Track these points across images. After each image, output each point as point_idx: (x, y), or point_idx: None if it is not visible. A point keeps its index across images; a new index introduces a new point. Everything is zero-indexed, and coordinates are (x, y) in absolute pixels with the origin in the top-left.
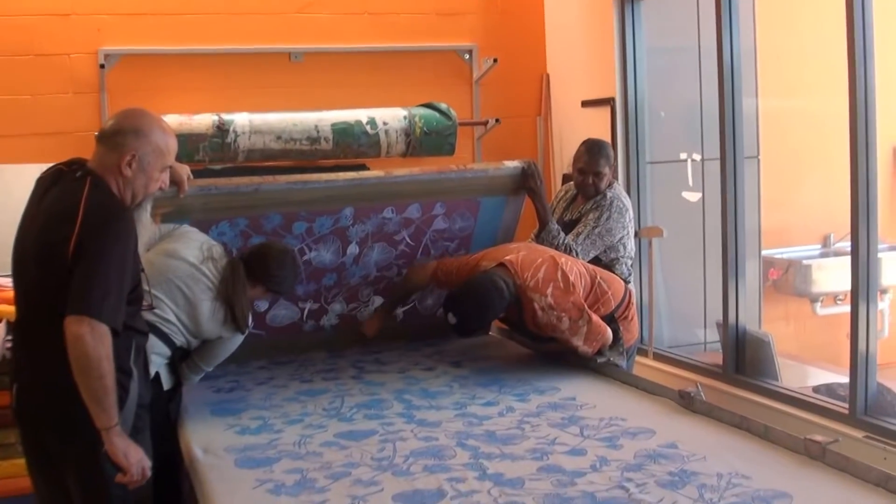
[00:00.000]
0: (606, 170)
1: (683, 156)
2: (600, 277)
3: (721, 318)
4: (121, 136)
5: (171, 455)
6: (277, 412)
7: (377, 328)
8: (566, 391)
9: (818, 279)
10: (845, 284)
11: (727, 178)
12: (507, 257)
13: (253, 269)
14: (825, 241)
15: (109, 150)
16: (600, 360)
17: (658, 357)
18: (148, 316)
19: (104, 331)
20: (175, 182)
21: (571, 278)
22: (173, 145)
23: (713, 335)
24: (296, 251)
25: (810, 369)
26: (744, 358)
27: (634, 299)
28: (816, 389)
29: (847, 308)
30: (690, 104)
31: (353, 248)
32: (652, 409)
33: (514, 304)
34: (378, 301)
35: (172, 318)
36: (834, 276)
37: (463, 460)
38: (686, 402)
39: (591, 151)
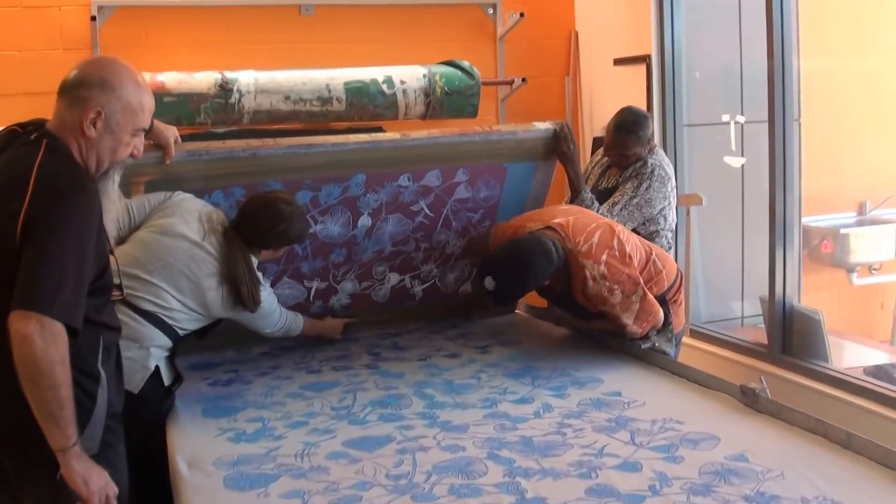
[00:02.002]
0: (637, 149)
1: (725, 118)
2: (655, 254)
3: (763, 292)
4: (84, 88)
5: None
6: (279, 412)
7: None
8: (610, 384)
9: (855, 248)
10: (882, 254)
11: (776, 141)
12: (557, 220)
13: (249, 236)
14: (861, 209)
15: (70, 105)
16: (645, 345)
17: (695, 334)
18: (146, 305)
19: (57, 330)
20: (160, 146)
21: (628, 249)
22: (149, 104)
23: (750, 309)
24: (286, 194)
25: (856, 346)
26: (790, 337)
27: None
28: (867, 371)
29: (883, 278)
30: (728, 64)
31: (364, 220)
32: (710, 407)
33: (562, 272)
34: (394, 279)
35: (176, 305)
36: (871, 245)
37: (496, 478)
38: (750, 400)
39: (620, 130)
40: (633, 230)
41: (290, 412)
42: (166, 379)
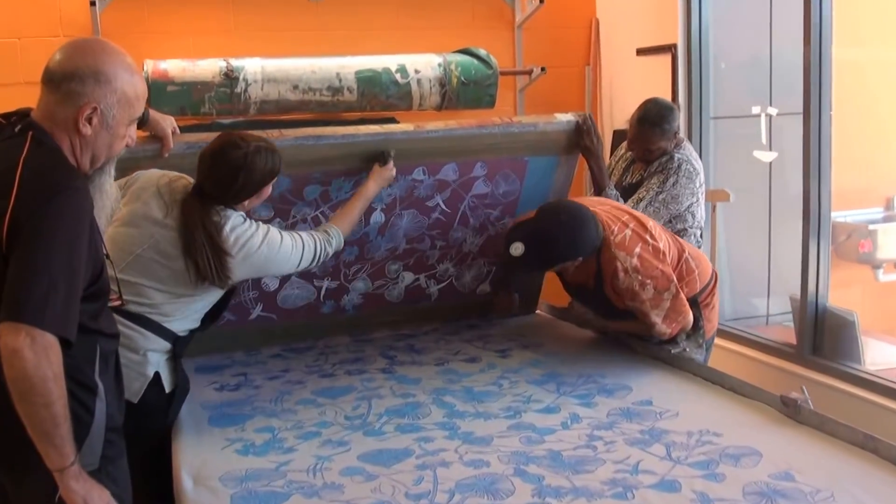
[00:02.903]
0: (662, 143)
1: (756, 110)
2: (689, 253)
3: (788, 289)
4: (76, 82)
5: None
6: (290, 421)
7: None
8: (639, 392)
9: (883, 244)
10: None
11: (811, 134)
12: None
13: (214, 195)
14: (888, 204)
15: (61, 100)
16: (674, 350)
17: (720, 333)
18: (130, 307)
19: (49, 342)
20: (157, 137)
21: (661, 245)
22: (143, 90)
23: (776, 307)
24: (238, 134)
25: (882, 345)
26: (822, 338)
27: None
28: None
29: None
30: (755, 54)
31: (377, 216)
32: (748, 418)
33: (594, 260)
34: (408, 278)
35: (161, 298)
36: None
37: (524, 498)
38: (791, 412)
39: (644, 123)
40: None
41: (301, 421)
42: (167, 386)
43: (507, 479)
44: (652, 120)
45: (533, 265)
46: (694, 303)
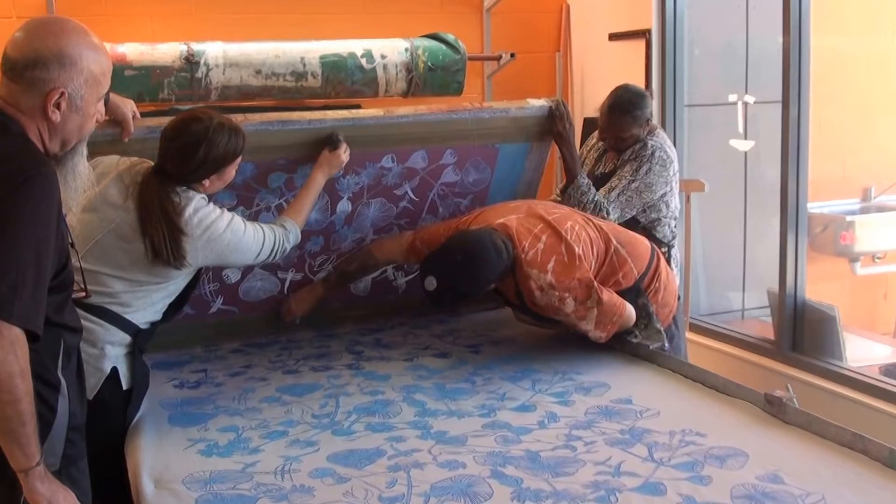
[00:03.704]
0: (634, 130)
1: (733, 98)
2: (617, 242)
3: (764, 283)
4: (40, 68)
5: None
6: (254, 420)
7: (307, 308)
8: (618, 389)
9: (861, 237)
10: (887, 243)
11: (790, 123)
12: (500, 220)
13: (174, 173)
14: (865, 195)
15: (26, 89)
16: (634, 341)
17: (695, 328)
18: (91, 298)
19: (15, 336)
20: (117, 121)
21: (578, 250)
22: (109, 65)
23: (752, 301)
24: (200, 109)
25: (860, 340)
26: (802, 333)
27: (667, 263)
28: (885, 371)
29: (887, 268)
30: (730, 40)
31: (343, 205)
32: (732, 418)
33: (511, 276)
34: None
35: (121, 287)
36: (876, 233)
37: (503, 502)
38: (776, 411)
39: (615, 110)
40: (633, 218)
41: (266, 420)
42: (125, 383)
43: (484, 481)
44: (623, 107)
45: (444, 303)
46: (637, 291)
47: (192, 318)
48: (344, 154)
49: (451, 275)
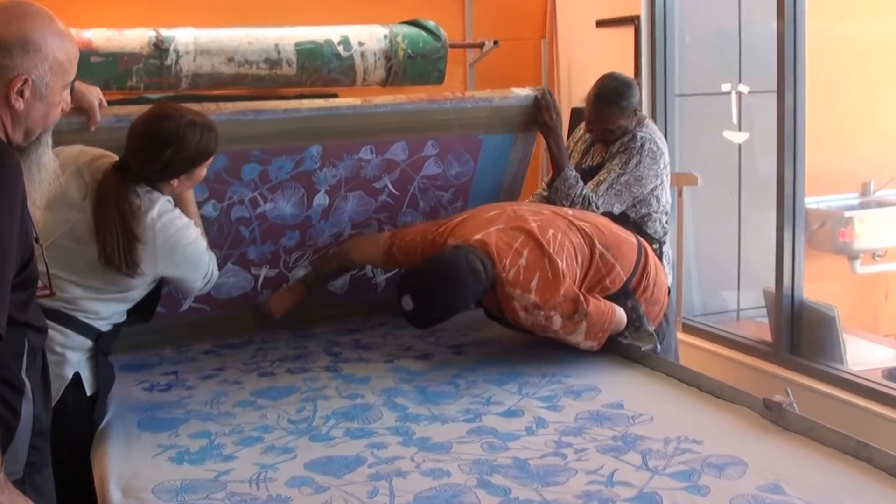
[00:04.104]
0: (622, 121)
1: (726, 87)
2: (602, 246)
3: (760, 282)
4: (3, 54)
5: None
6: (228, 425)
7: (287, 308)
8: (609, 393)
9: (860, 234)
10: (888, 239)
11: (786, 113)
12: (478, 236)
13: (139, 172)
14: (864, 189)
15: None
16: (623, 342)
17: (688, 329)
18: (45, 301)
19: None
20: (83, 109)
21: (561, 265)
22: (75, 52)
23: (747, 300)
24: (172, 104)
25: (862, 342)
26: (800, 335)
27: (656, 260)
28: (888, 375)
29: (888, 266)
30: (721, 27)
31: (320, 199)
32: (729, 424)
33: (491, 295)
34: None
35: (79, 293)
36: (877, 229)
37: None
38: (775, 416)
39: (600, 100)
40: (623, 214)
41: (240, 425)
42: (89, 388)
43: (471, 490)
44: (609, 97)
45: (420, 323)
46: (626, 293)
47: (162, 316)
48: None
49: (427, 301)
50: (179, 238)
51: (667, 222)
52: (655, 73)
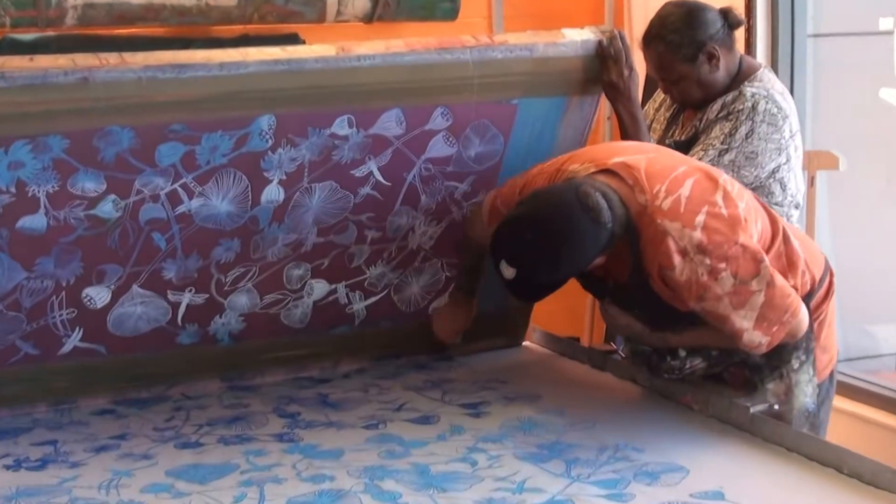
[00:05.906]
0: (684, 68)
1: (886, 24)
2: (789, 231)
3: None
4: None
5: None
6: None
7: (460, 329)
8: (700, 475)
9: None
10: None
11: None
12: (617, 159)
13: None
14: None
15: None
16: (755, 409)
17: None
18: None
19: None
20: None
21: (741, 209)
22: None
23: None
24: None
25: None
26: None
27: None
28: None
29: None
30: None
31: (272, 192)
32: None
33: (624, 244)
34: (320, 289)
35: None
36: None
37: None
38: None
39: (648, 40)
40: None
41: None
42: None
43: None
44: (656, 32)
45: (527, 295)
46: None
47: (35, 360)
48: None
49: (526, 259)
50: None
51: (798, 220)
52: (777, 4)
